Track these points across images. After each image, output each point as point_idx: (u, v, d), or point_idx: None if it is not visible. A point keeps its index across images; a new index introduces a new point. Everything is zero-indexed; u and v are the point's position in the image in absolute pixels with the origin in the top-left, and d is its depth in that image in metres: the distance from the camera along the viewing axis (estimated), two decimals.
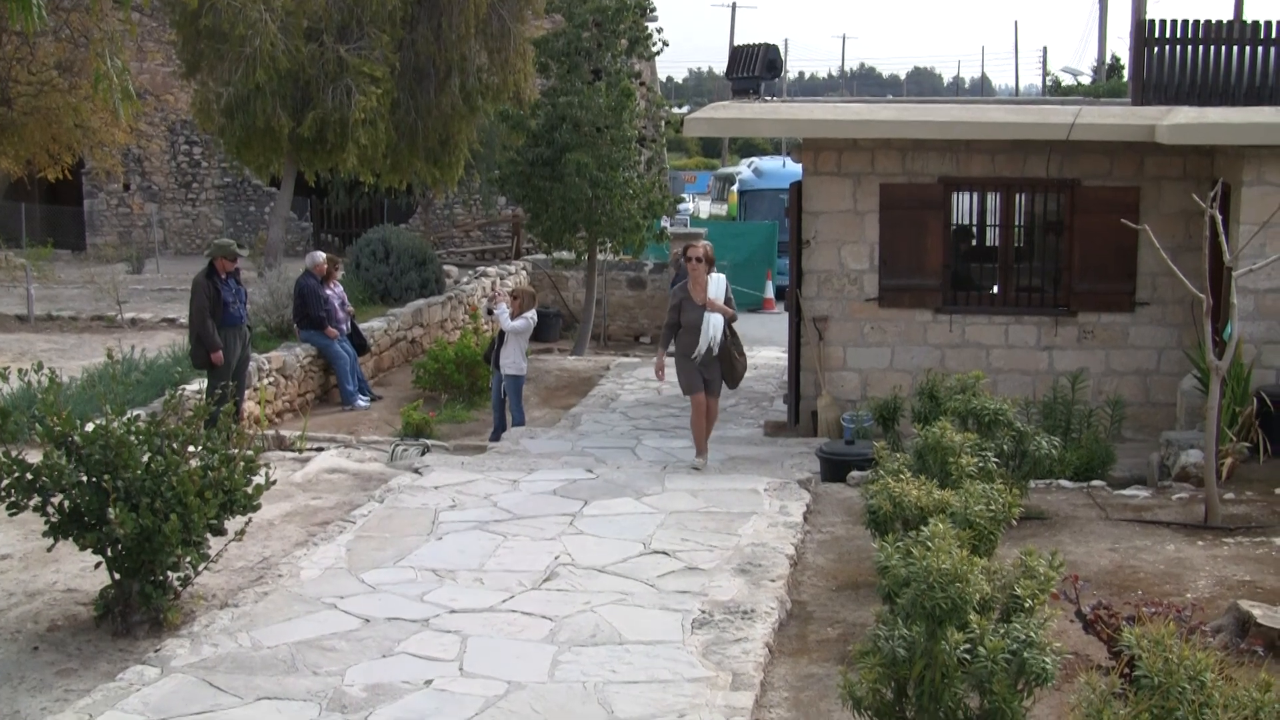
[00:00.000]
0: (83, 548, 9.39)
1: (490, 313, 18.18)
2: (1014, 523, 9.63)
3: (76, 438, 9.36)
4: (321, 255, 20.84)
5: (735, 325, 14.48)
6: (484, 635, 9.17)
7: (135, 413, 10.16)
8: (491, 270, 28.78)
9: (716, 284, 14.12)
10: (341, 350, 20.10)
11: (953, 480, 9.75)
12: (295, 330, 20.63)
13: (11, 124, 26.54)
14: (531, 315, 17.84)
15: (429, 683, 8.36)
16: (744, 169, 49.92)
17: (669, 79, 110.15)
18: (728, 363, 14.25)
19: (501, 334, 17.69)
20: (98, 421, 9.56)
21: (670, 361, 14.56)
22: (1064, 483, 13.15)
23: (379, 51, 25.03)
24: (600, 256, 25.88)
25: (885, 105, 20.43)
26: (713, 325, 13.97)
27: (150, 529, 9.04)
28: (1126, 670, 6.25)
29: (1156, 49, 17.55)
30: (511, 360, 17.60)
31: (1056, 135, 15.94)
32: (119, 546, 9.24)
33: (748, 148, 74.78)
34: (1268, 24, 17.56)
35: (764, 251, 35.32)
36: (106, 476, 9.16)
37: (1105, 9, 61.09)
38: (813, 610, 9.84)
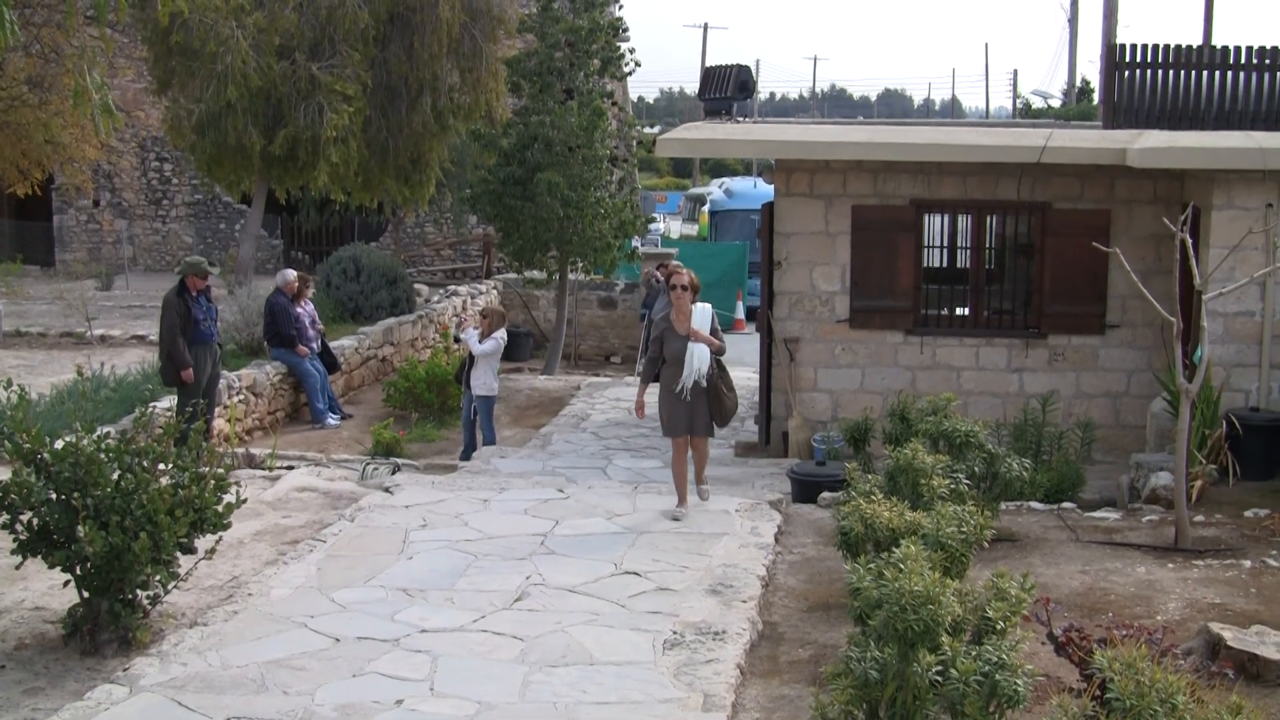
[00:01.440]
0: (51, 565, 9.33)
1: (458, 340, 18.16)
2: (985, 545, 9.65)
3: (46, 455, 9.31)
4: (292, 273, 20.78)
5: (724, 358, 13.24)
6: (455, 655, 9.14)
7: (105, 430, 10.12)
8: (462, 289, 28.75)
9: (702, 314, 12.82)
10: (312, 368, 20.05)
11: (924, 502, 9.76)
12: (266, 348, 20.56)
13: None
14: (501, 335, 17.84)
15: (399, 703, 8.33)
16: (715, 189, 50.07)
17: (641, 99, 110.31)
18: (715, 399, 12.85)
19: (472, 355, 17.69)
20: (67, 439, 9.51)
21: (654, 398, 13.32)
22: (1035, 505, 13.18)
23: (351, 70, 24.99)
24: (571, 276, 25.87)
25: (858, 127, 20.53)
26: (697, 358, 12.64)
27: (120, 547, 8.98)
28: (1098, 693, 6.25)
29: (1127, 73, 17.66)
30: (482, 381, 17.58)
31: (1028, 158, 16.01)
32: (88, 565, 9.18)
33: (719, 168, 74.95)
34: (1237, 49, 17.69)
35: (735, 272, 35.39)
36: (76, 494, 9.11)
37: (1075, 33, 61.46)
38: (784, 631, 9.84)
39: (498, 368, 17.91)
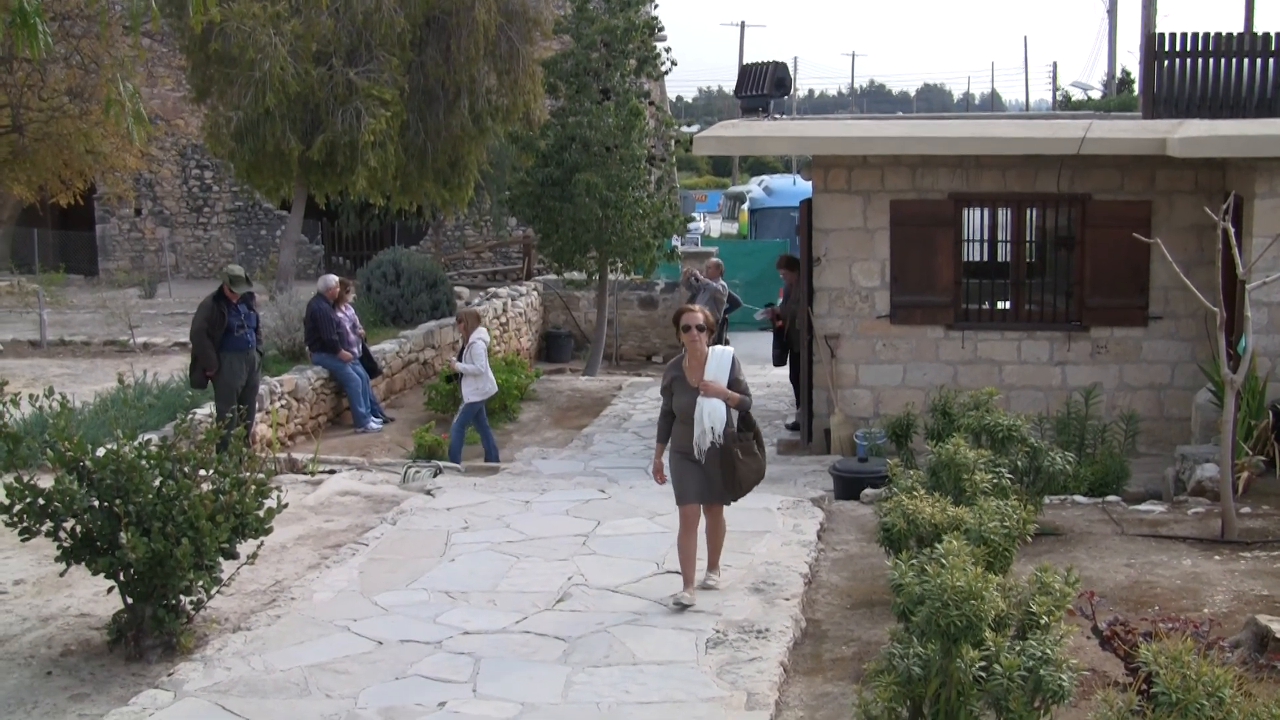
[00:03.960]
0: (95, 572, 9.38)
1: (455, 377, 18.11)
2: (1029, 539, 9.59)
3: (88, 462, 9.35)
4: (334, 278, 20.82)
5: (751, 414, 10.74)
6: (497, 657, 9.14)
7: (147, 437, 10.14)
8: (503, 291, 28.76)
9: (719, 361, 10.40)
10: (353, 373, 20.09)
11: (967, 497, 9.72)
12: (308, 353, 20.61)
13: (23, 150, 26.65)
14: (479, 335, 17.78)
15: (442, 705, 8.34)
16: (754, 187, 49.98)
17: (678, 98, 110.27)
18: (729, 465, 10.30)
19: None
20: (109, 446, 9.56)
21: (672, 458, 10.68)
22: (1079, 498, 13.10)
23: (388, 74, 25.04)
24: (611, 276, 25.88)
25: (895, 122, 20.43)
26: (708, 415, 10.18)
27: (162, 553, 9.02)
28: (1144, 687, 6.20)
29: (1167, 62, 17.50)
30: (473, 387, 17.56)
31: (1067, 150, 15.91)
32: (131, 571, 9.22)
33: (758, 166, 74.88)
34: (1278, 35, 17.51)
35: (775, 270, 35.29)
36: (118, 501, 9.15)
37: (1115, 23, 61.24)
38: (827, 629, 9.80)
39: (484, 372, 17.72)
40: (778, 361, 19.59)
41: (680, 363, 10.57)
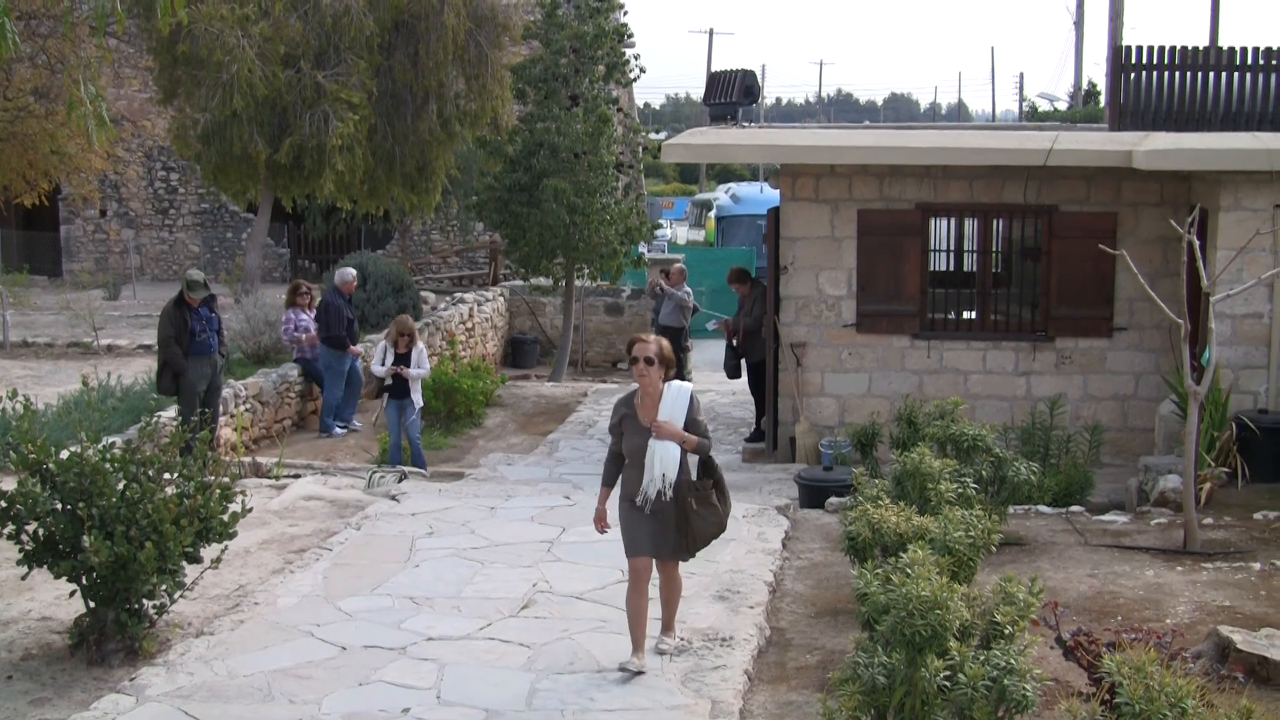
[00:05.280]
0: (57, 576, 9.33)
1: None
2: (993, 549, 9.63)
3: (51, 465, 9.30)
4: (351, 272, 20.48)
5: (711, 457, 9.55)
6: (461, 663, 9.13)
7: (111, 440, 10.08)
8: (469, 296, 28.69)
9: (675, 398, 9.17)
10: (342, 374, 19.71)
11: (932, 506, 9.74)
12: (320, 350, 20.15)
13: None
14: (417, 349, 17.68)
15: (406, 711, 8.31)
16: (721, 195, 50.03)
17: (646, 105, 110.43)
18: (683, 516, 9.07)
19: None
20: (73, 449, 9.51)
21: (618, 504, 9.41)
22: (1043, 508, 13.15)
23: (356, 78, 25.01)
24: (578, 283, 25.88)
25: (863, 131, 20.51)
26: (660, 460, 8.99)
27: (125, 557, 8.98)
28: (1107, 697, 6.22)
29: (1133, 75, 17.63)
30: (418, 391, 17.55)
31: (1034, 161, 15.97)
32: (94, 575, 9.17)
33: (725, 173, 74.98)
34: (1244, 50, 17.66)
35: None
36: (81, 504, 9.10)
37: (1081, 35, 61.51)
38: (791, 637, 9.81)
39: (405, 375, 17.61)
40: (732, 374, 19.55)
41: (632, 399, 9.31)
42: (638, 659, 9.01)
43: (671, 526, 9.07)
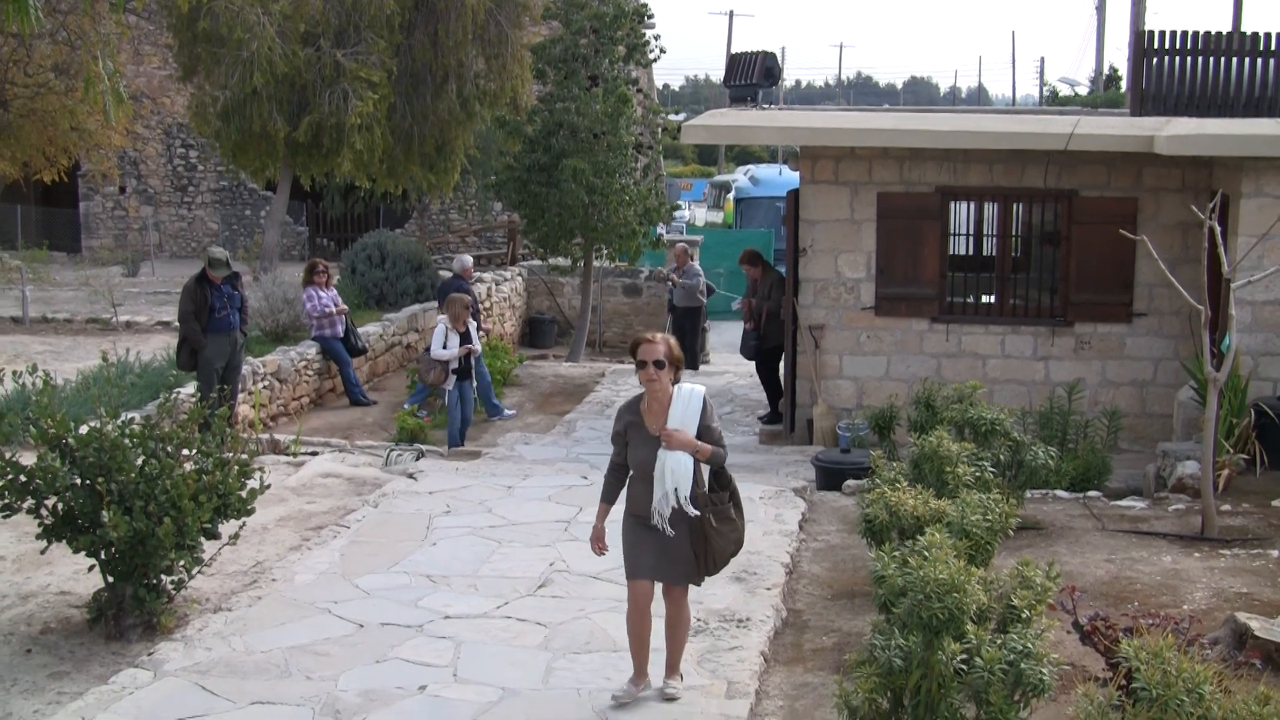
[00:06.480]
0: (76, 550, 9.37)
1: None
2: (1010, 533, 9.62)
3: (71, 440, 9.34)
4: (468, 258, 20.69)
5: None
6: (478, 641, 9.15)
7: (129, 415, 10.13)
8: (487, 276, 28.68)
9: (686, 403, 8.18)
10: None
11: (949, 490, 9.73)
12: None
13: (8, 126, 26.53)
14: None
15: (423, 689, 8.34)
16: (740, 177, 50.01)
17: (666, 86, 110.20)
18: (700, 537, 8.15)
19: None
20: (92, 424, 9.54)
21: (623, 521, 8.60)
22: (1060, 493, 13.13)
23: (376, 57, 24.99)
24: (596, 263, 25.86)
25: (883, 114, 20.43)
26: (671, 472, 8.03)
27: (144, 532, 9.01)
28: (1124, 682, 6.21)
29: (1155, 60, 17.51)
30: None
31: (1055, 145, 15.92)
32: (112, 550, 9.21)
33: (744, 155, 74.92)
34: (1267, 35, 17.53)
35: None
36: (100, 479, 9.13)
37: (1103, 20, 61.14)
38: (808, 619, 9.81)
39: (446, 356, 17.65)
40: (751, 356, 19.44)
41: (637, 404, 8.45)
42: (635, 686, 8.25)
43: (685, 547, 8.16)
